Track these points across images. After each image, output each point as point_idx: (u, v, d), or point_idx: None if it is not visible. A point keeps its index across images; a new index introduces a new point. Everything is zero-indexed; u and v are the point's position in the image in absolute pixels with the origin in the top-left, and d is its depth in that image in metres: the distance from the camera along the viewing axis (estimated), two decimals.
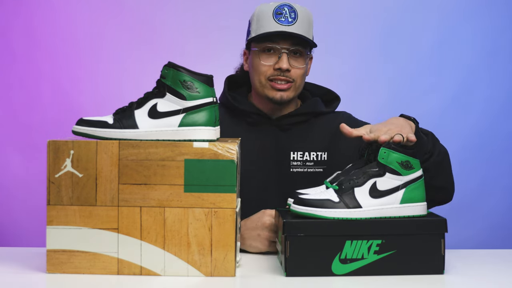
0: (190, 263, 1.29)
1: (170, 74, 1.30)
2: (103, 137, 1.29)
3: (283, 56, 1.69)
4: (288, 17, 1.68)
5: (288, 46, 1.69)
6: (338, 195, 1.33)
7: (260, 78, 1.73)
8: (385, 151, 1.33)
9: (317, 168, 1.76)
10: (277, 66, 1.69)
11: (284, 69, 1.69)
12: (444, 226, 1.33)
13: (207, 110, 1.31)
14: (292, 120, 1.78)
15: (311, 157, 1.77)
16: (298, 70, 1.71)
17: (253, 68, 1.75)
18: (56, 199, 1.29)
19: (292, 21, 1.68)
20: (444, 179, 1.61)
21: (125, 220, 1.29)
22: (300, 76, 1.73)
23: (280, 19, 1.68)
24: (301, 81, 1.75)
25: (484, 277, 1.34)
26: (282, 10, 1.69)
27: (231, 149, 1.29)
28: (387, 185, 1.33)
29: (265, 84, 1.72)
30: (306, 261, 1.30)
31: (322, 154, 1.77)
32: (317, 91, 1.88)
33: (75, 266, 1.29)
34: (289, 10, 1.69)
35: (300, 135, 1.78)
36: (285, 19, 1.68)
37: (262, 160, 1.76)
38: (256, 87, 1.76)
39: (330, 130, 1.79)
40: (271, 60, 1.71)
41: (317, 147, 1.77)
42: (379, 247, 1.31)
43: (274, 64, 1.70)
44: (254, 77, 1.75)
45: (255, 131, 1.77)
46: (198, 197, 1.29)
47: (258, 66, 1.72)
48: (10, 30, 2.83)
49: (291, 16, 1.68)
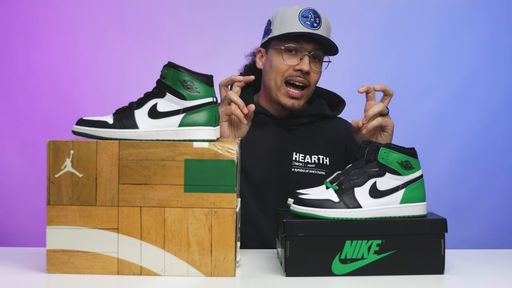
0: (190, 263, 1.29)
1: (170, 74, 1.30)
2: (103, 137, 1.29)
3: (305, 58, 1.70)
4: (313, 21, 1.69)
5: (311, 49, 1.71)
6: (338, 195, 1.33)
7: (277, 77, 1.72)
8: (385, 151, 1.33)
9: (318, 170, 1.77)
10: (298, 67, 1.70)
11: (305, 71, 1.70)
12: (444, 226, 1.33)
13: (207, 110, 1.31)
14: (297, 121, 1.78)
15: (312, 159, 1.77)
16: (316, 74, 1.73)
17: (272, 66, 1.74)
18: (56, 199, 1.29)
19: (317, 26, 1.70)
20: None
21: (125, 220, 1.29)
22: (316, 82, 1.75)
23: (305, 22, 1.69)
24: (314, 87, 1.76)
25: (484, 277, 1.34)
26: (308, 14, 1.70)
27: (231, 149, 1.29)
28: (387, 185, 1.33)
29: (280, 87, 1.72)
30: (306, 261, 1.30)
31: (324, 158, 1.78)
32: (323, 94, 1.90)
33: (75, 266, 1.29)
34: (314, 15, 1.71)
35: (304, 136, 1.79)
36: (311, 23, 1.69)
37: (265, 158, 1.76)
38: (269, 87, 1.75)
39: (334, 136, 1.80)
40: (293, 60, 1.71)
41: (320, 151, 1.78)
42: (379, 247, 1.31)
43: (295, 65, 1.71)
44: (270, 76, 1.75)
45: (260, 129, 1.78)
46: (198, 197, 1.29)
47: (279, 64, 1.72)
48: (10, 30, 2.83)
49: (316, 21, 1.70)
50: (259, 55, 1.82)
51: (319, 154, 1.77)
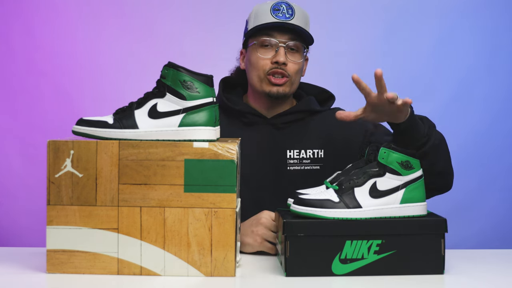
0: (190, 263, 1.29)
1: (170, 74, 1.30)
2: (103, 137, 1.29)
3: (280, 49, 1.71)
4: (285, 13, 1.71)
5: (285, 40, 1.72)
6: (338, 195, 1.33)
7: (259, 72, 1.74)
8: (385, 151, 1.33)
9: (313, 165, 1.76)
10: (274, 60, 1.71)
11: (281, 62, 1.70)
12: (444, 226, 1.33)
13: (207, 110, 1.31)
14: (287, 119, 1.78)
15: (307, 154, 1.77)
16: (295, 65, 1.73)
17: (251, 63, 1.75)
18: (56, 199, 1.29)
19: (289, 17, 1.71)
20: (444, 163, 1.57)
21: (125, 220, 1.29)
22: (296, 72, 1.74)
23: (277, 14, 1.71)
24: (297, 77, 1.76)
25: (484, 277, 1.34)
26: (279, 6, 1.72)
27: (231, 149, 1.29)
28: (387, 185, 1.33)
29: (263, 79, 1.73)
30: (306, 261, 1.30)
31: (319, 151, 1.77)
32: (311, 90, 1.89)
33: (75, 266, 1.29)
34: (287, 7, 1.72)
35: (295, 133, 1.79)
36: (283, 14, 1.71)
37: (259, 159, 1.76)
38: (254, 83, 1.76)
39: (325, 127, 1.79)
40: (269, 53, 1.72)
41: (313, 145, 1.77)
42: (379, 247, 1.31)
43: (271, 58, 1.72)
44: (252, 73, 1.76)
45: (251, 131, 1.78)
46: (198, 197, 1.29)
47: (257, 60, 1.73)
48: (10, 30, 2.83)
49: (288, 12, 1.71)
50: (241, 56, 1.84)
51: (313, 148, 1.77)
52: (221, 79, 1.86)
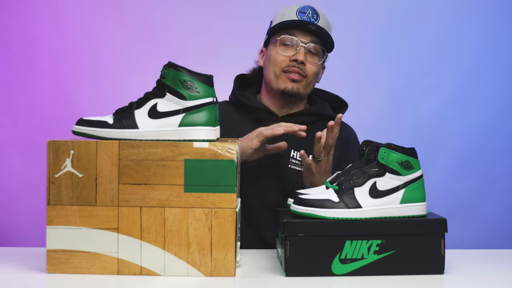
0: (190, 263, 1.29)
1: (170, 74, 1.30)
2: (103, 137, 1.29)
3: (301, 49, 1.74)
4: (310, 16, 1.75)
5: (307, 41, 1.75)
6: (338, 195, 1.33)
7: (275, 69, 1.77)
8: (385, 151, 1.33)
9: None
10: (293, 58, 1.74)
11: (299, 61, 1.74)
12: (444, 226, 1.33)
13: (207, 110, 1.31)
14: (298, 120, 1.79)
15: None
16: (312, 66, 1.76)
17: (269, 59, 1.79)
18: (56, 199, 1.29)
19: (314, 20, 1.75)
20: None
21: (125, 220, 1.29)
22: (313, 73, 1.78)
23: (303, 17, 1.75)
24: (313, 79, 1.79)
25: (484, 277, 1.34)
26: (306, 10, 1.76)
27: (231, 149, 1.29)
28: (387, 185, 1.33)
29: (279, 75, 1.76)
30: (306, 261, 1.30)
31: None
32: (325, 96, 1.91)
33: (75, 266, 1.29)
34: (312, 12, 1.77)
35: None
36: (308, 18, 1.75)
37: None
38: (270, 79, 1.79)
39: None
40: (289, 51, 1.76)
41: None
42: (379, 247, 1.31)
43: (291, 55, 1.75)
44: (269, 69, 1.79)
45: (261, 126, 1.78)
46: (198, 197, 1.29)
47: (276, 56, 1.76)
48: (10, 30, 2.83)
49: (313, 16, 1.75)
50: (261, 54, 1.87)
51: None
52: (236, 76, 1.89)
